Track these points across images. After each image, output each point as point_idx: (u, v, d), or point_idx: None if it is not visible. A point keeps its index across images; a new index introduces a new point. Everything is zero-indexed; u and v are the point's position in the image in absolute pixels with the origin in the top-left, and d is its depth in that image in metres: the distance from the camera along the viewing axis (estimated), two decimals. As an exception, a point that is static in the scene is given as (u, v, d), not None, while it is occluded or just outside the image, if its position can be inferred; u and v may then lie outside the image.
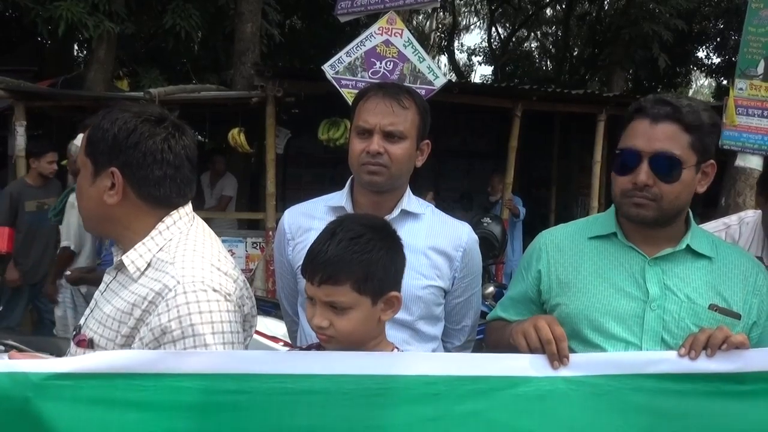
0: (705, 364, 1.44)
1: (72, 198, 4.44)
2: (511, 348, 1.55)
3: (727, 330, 1.46)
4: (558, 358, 1.44)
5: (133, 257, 1.44)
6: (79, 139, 4.64)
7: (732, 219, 1.95)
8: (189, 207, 1.55)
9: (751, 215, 1.90)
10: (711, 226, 1.97)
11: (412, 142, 1.85)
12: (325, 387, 1.35)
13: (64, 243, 4.51)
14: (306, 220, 1.94)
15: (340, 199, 1.94)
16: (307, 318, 1.46)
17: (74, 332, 1.49)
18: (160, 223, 1.48)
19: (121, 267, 1.49)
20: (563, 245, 1.74)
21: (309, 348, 1.62)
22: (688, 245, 1.64)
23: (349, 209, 1.90)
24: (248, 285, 1.57)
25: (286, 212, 2.02)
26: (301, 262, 1.88)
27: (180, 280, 1.37)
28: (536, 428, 1.39)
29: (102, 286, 1.54)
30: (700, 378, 1.44)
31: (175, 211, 1.50)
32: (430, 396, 1.37)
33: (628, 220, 1.64)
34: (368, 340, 1.47)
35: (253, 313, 1.56)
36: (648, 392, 1.43)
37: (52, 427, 1.27)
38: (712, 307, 1.60)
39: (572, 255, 1.71)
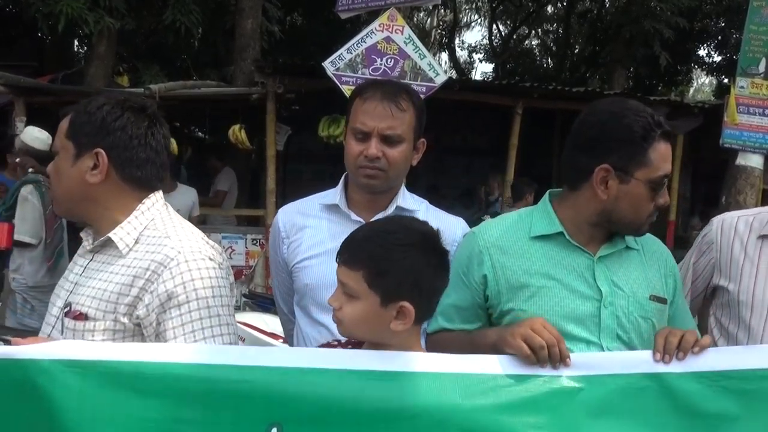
0: (714, 362, 1.45)
1: (24, 191, 4.38)
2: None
3: (696, 333, 1.51)
4: (561, 359, 1.44)
5: (121, 234, 1.55)
6: (26, 134, 4.61)
7: None
8: (161, 192, 1.66)
9: None
10: (755, 210, 1.99)
11: (410, 144, 1.83)
12: (330, 380, 1.35)
13: (18, 237, 4.40)
14: (301, 218, 1.93)
15: (334, 196, 1.92)
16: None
17: (66, 309, 1.54)
18: (141, 204, 1.59)
19: (98, 248, 1.59)
20: (506, 247, 1.69)
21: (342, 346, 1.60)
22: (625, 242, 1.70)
23: (344, 207, 1.89)
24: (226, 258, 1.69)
25: (280, 211, 2.01)
26: (297, 260, 1.89)
27: (180, 250, 1.50)
28: (543, 426, 1.39)
29: (77, 269, 1.62)
30: (708, 376, 1.44)
31: (152, 194, 1.62)
32: (436, 392, 1.37)
33: None
34: (382, 342, 1.44)
35: (235, 285, 1.68)
36: (655, 391, 1.43)
37: (61, 413, 1.30)
38: (652, 298, 1.67)
39: (518, 257, 1.67)
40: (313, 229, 1.90)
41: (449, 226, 1.92)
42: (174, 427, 1.31)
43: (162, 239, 1.53)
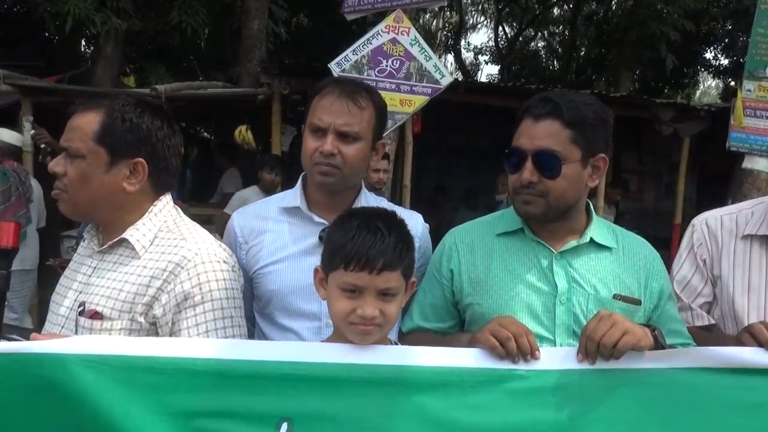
0: (702, 361, 1.47)
1: None
2: None
3: (626, 324, 1.43)
4: (530, 351, 1.44)
5: (138, 236, 1.57)
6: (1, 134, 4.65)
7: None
8: (170, 194, 1.69)
9: None
10: (748, 203, 1.94)
11: (367, 143, 1.80)
12: (337, 374, 1.39)
13: None
14: (259, 222, 1.87)
15: (293, 198, 1.87)
16: (343, 311, 1.42)
17: (80, 308, 1.55)
18: (152, 206, 1.61)
19: (107, 250, 1.59)
20: (474, 244, 1.74)
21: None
22: (591, 238, 1.69)
23: (305, 209, 1.83)
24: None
25: (235, 215, 1.93)
26: (258, 266, 1.81)
27: (197, 252, 1.54)
28: (546, 419, 1.40)
29: (84, 269, 1.61)
30: (693, 371, 1.46)
31: (163, 195, 1.65)
32: (440, 386, 1.40)
33: (520, 216, 1.69)
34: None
35: (244, 285, 1.70)
36: (660, 385, 1.44)
37: (77, 407, 1.33)
38: (616, 297, 1.64)
39: (482, 253, 1.72)
40: (273, 233, 1.84)
41: (410, 221, 1.89)
42: (187, 420, 1.34)
43: (178, 241, 1.56)
